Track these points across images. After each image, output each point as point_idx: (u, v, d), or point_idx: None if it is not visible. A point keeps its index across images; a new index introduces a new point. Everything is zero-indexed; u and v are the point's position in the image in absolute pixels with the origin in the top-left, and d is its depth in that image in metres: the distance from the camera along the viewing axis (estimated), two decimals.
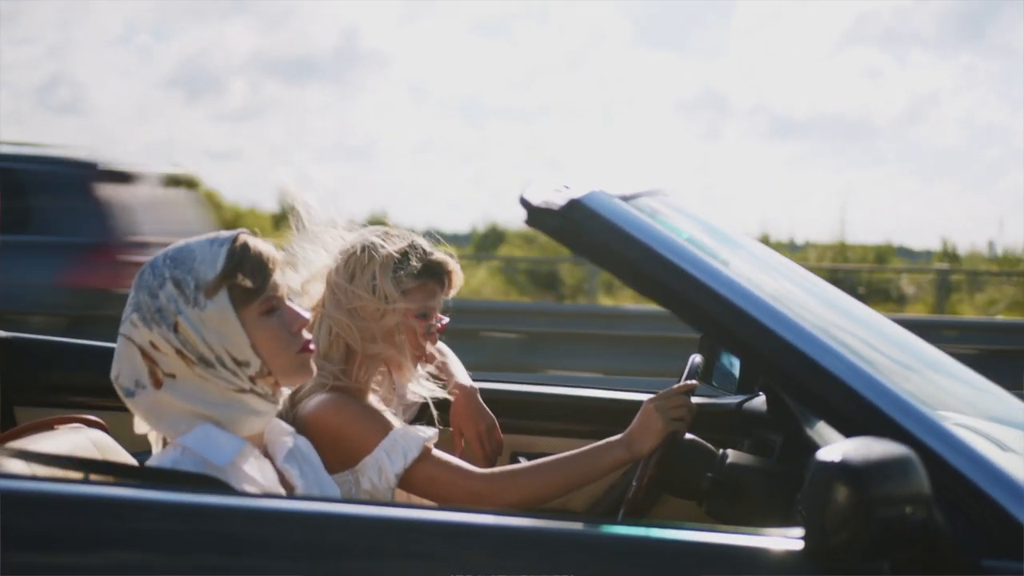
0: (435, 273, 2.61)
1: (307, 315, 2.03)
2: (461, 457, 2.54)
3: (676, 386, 2.48)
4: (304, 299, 2.54)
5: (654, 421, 2.39)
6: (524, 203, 1.92)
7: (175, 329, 1.91)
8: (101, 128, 50.87)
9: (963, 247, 20.87)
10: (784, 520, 2.20)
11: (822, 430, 2.41)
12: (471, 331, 9.53)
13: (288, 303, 2.01)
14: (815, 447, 2.28)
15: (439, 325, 2.64)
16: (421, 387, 2.68)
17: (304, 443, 2.18)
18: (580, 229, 1.87)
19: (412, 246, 2.58)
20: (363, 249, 2.54)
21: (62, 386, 2.97)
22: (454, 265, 2.65)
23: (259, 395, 1.97)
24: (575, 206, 1.88)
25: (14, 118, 51.43)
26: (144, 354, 1.93)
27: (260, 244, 2.01)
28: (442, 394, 2.73)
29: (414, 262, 2.55)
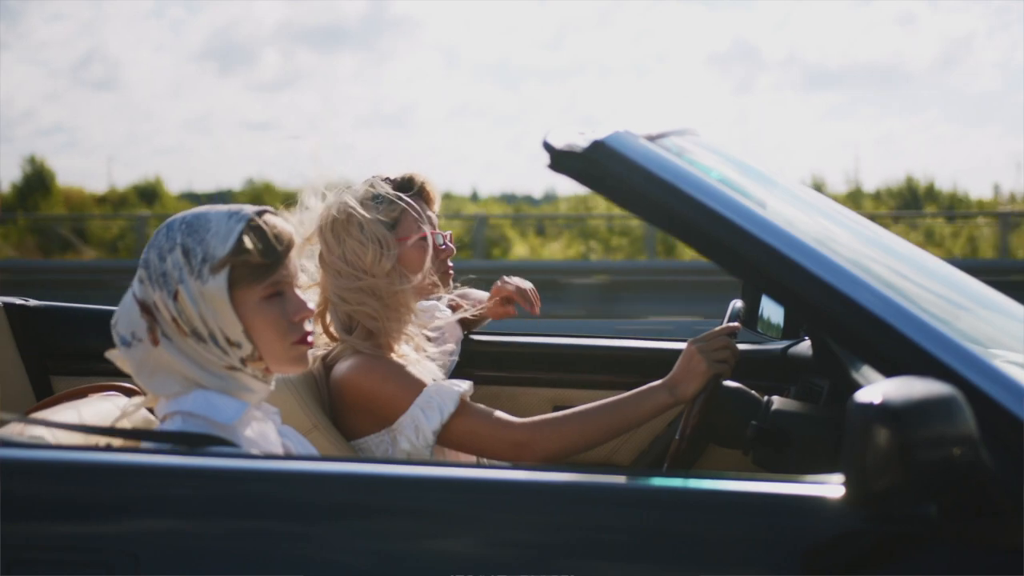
0: (409, 191, 2.57)
1: (311, 306, 1.96)
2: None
3: (718, 328, 2.41)
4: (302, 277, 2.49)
5: (697, 363, 2.32)
6: (547, 147, 1.85)
7: (175, 297, 1.88)
8: (137, 103, 51.21)
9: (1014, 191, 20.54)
10: (833, 467, 2.13)
11: (869, 373, 2.32)
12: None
13: (295, 291, 1.95)
14: None
15: (446, 242, 2.62)
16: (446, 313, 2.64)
17: (289, 429, 2.12)
18: (604, 171, 1.80)
19: (373, 181, 2.54)
20: (336, 211, 2.49)
21: (98, 354, 2.94)
22: (424, 175, 2.62)
23: (250, 375, 1.93)
24: (598, 147, 1.81)
25: (52, 96, 51.99)
26: (145, 310, 1.89)
27: (279, 225, 1.94)
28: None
29: (384, 191, 2.51)
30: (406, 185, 2.60)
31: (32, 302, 2.95)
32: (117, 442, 1.90)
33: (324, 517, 1.67)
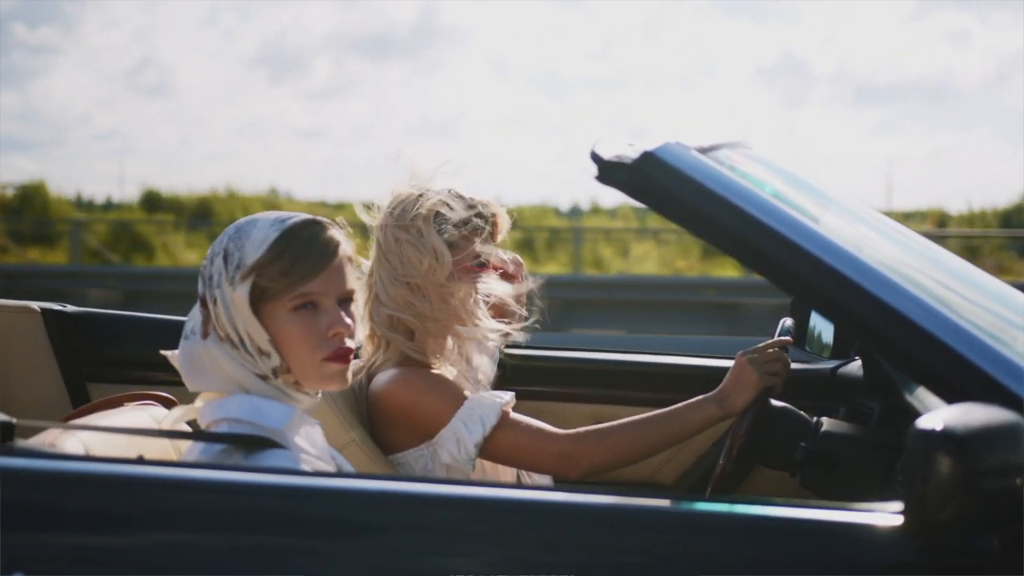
0: (479, 218, 2.46)
1: (349, 322, 1.89)
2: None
3: (770, 341, 2.35)
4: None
5: (748, 375, 2.26)
6: (594, 158, 1.80)
7: (214, 301, 1.86)
8: (190, 110, 51.67)
9: None
10: (884, 492, 2.07)
11: (923, 396, 2.26)
12: None
13: (333, 304, 1.88)
14: (916, 414, 2.14)
15: (512, 267, 2.53)
16: (489, 340, 2.54)
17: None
18: (654, 183, 1.75)
19: (447, 198, 2.44)
20: (403, 206, 2.42)
21: (135, 361, 2.94)
22: (497, 208, 2.53)
23: (288, 386, 1.89)
24: (648, 159, 1.76)
25: (106, 102, 52.58)
26: (203, 303, 1.89)
27: (320, 236, 1.88)
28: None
29: (456, 210, 2.42)
30: (479, 211, 2.48)
31: (70, 308, 2.94)
32: (156, 450, 1.87)
33: (353, 533, 1.63)
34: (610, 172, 1.77)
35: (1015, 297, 2.29)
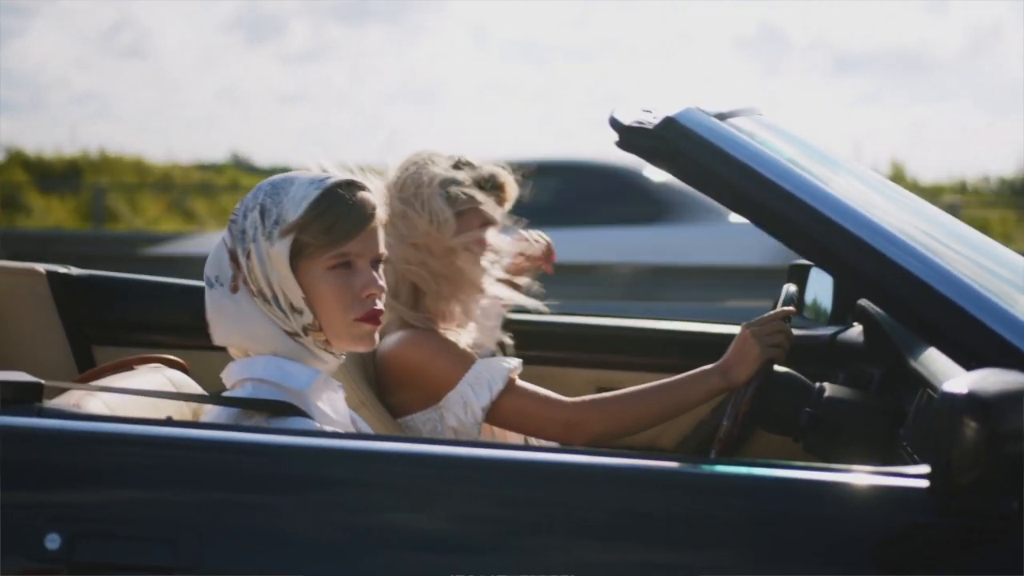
0: (488, 187, 2.49)
1: (382, 283, 1.91)
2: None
3: (773, 312, 2.37)
4: None
5: (751, 347, 2.28)
6: (614, 124, 1.81)
7: (248, 256, 1.87)
8: (167, 72, 51.12)
9: None
10: (885, 456, 2.10)
11: (928, 362, 2.28)
12: None
13: (368, 266, 1.91)
14: (919, 379, 2.17)
15: (535, 248, 2.55)
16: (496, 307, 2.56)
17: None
18: (676, 149, 1.76)
19: (458, 163, 2.46)
20: (412, 172, 2.43)
21: (140, 324, 2.94)
22: (506, 176, 2.55)
23: (315, 344, 1.90)
24: (670, 124, 1.77)
25: (82, 63, 52.04)
26: (232, 258, 1.89)
27: (359, 196, 1.90)
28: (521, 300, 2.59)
29: (464, 178, 2.44)
30: (487, 179, 2.51)
31: (74, 271, 2.92)
32: (185, 411, 1.87)
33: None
34: (631, 138, 1.79)
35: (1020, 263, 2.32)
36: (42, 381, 1.72)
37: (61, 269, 2.89)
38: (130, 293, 2.95)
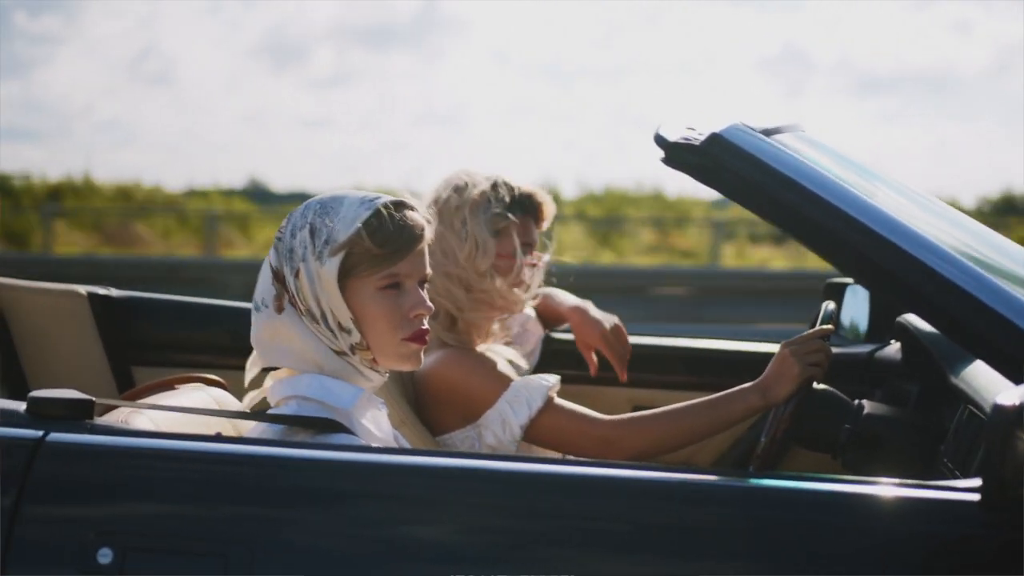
0: (526, 207, 2.52)
1: (430, 304, 1.93)
2: (596, 374, 2.55)
3: (812, 330, 2.37)
4: None
5: (790, 366, 2.27)
6: (660, 141, 1.81)
7: (296, 275, 1.87)
8: (194, 99, 51.43)
9: None
10: (926, 473, 2.09)
11: (969, 378, 2.28)
12: None
13: (416, 286, 1.92)
14: (960, 395, 2.16)
15: (537, 260, 2.57)
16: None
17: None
18: (723, 164, 1.76)
19: (496, 183, 2.49)
20: (450, 193, 2.46)
21: (179, 345, 2.96)
22: (544, 196, 2.57)
23: (361, 363, 1.91)
24: (716, 141, 1.78)
25: (109, 90, 52.40)
26: (277, 278, 1.90)
27: (409, 217, 1.91)
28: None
29: (503, 198, 2.47)
30: (524, 200, 2.54)
31: (115, 292, 2.95)
32: (228, 429, 1.89)
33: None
34: (677, 155, 1.79)
35: None
36: (93, 398, 1.74)
37: (101, 291, 2.92)
38: (169, 313, 2.98)
